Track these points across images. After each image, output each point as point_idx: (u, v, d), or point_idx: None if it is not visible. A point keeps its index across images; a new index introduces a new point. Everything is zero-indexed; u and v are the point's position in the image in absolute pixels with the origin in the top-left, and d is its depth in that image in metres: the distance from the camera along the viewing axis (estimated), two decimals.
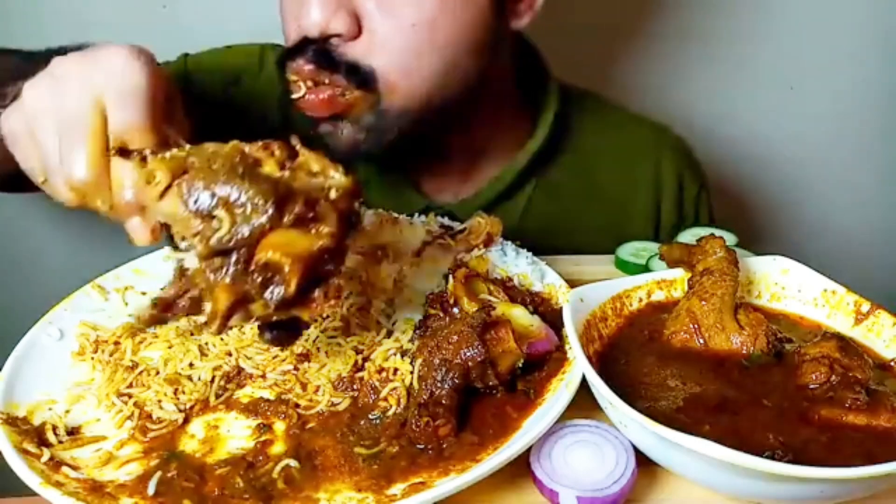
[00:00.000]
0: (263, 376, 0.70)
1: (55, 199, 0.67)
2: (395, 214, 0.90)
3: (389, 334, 0.74)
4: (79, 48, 0.71)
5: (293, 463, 0.60)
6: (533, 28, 1.01)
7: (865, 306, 0.73)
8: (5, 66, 0.84)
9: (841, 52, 1.54)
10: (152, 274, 0.85)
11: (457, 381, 0.64)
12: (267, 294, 0.53)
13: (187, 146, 0.59)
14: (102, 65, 0.63)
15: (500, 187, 1.09)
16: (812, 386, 0.64)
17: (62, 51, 0.78)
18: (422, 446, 0.62)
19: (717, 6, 1.48)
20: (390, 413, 0.66)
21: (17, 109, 0.65)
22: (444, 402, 0.63)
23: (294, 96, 0.90)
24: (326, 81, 0.88)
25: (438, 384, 0.64)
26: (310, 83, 0.88)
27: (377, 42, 0.87)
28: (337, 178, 0.57)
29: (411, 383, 0.67)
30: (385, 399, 0.67)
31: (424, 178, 1.10)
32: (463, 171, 1.11)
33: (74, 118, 0.62)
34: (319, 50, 0.87)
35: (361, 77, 0.88)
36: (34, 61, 0.78)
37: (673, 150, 1.20)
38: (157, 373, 0.70)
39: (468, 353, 0.64)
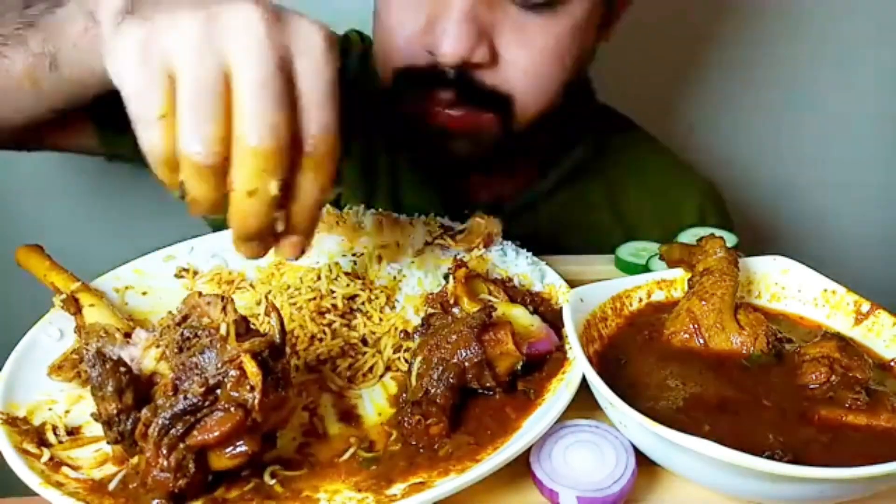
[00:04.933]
0: None
1: (151, 151, 0.54)
2: (395, 214, 0.90)
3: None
4: None
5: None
6: None
7: (865, 306, 0.73)
8: None
9: (840, 52, 1.54)
10: (152, 274, 0.85)
11: (452, 381, 0.64)
12: None
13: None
14: (294, 37, 0.52)
15: (538, 193, 1.11)
16: (812, 386, 0.64)
17: None
18: (414, 443, 0.62)
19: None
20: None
21: (143, 28, 0.52)
22: (437, 401, 0.63)
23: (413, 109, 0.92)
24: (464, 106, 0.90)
25: (434, 383, 0.64)
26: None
27: (516, 71, 0.88)
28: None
29: (409, 379, 0.67)
30: None
31: (470, 176, 1.12)
32: (507, 173, 1.13)
33: (266, 80, 0.51)
34: (460, 79, 0.87)
35: (499, 103, 0.89)
36: None
37: (699, 199, 1.20)
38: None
39: (465, 354, 0.64)
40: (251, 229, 0.55)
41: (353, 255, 0.83)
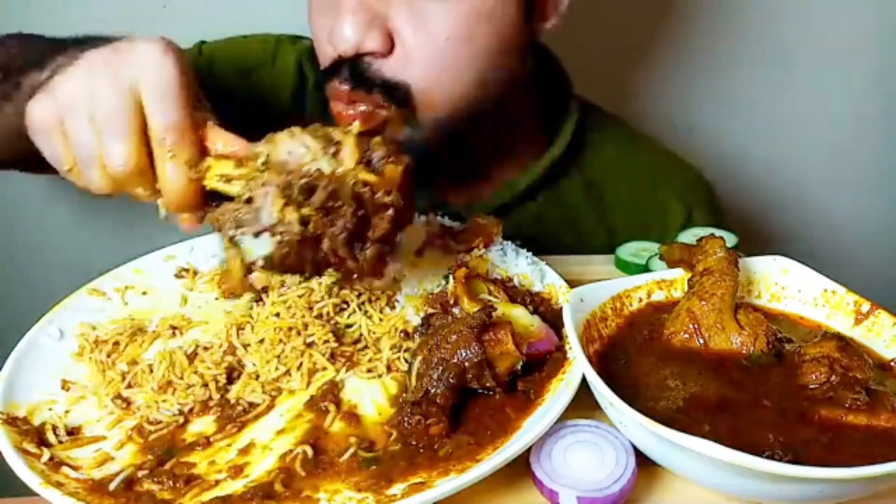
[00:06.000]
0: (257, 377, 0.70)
1: (79, 184, 0.70)
2: None
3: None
4: (107, 40, 0.72)
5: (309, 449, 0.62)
6: (558, 48, 1.00)
7: (865, 306, 0.73)
8: (28, 53, 0.85)
9: (839, 55, 1.54)
10: (152, 274, 0.85)
11: (452, 381, 0.64)
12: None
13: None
14: (136, 60, 0.66)
15: (513, 194, 1.09)
16: (812, 386, 0.63)
17: (88, 41, 0.80)
18: (414, 443, 0.62)
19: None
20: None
21: (47, 99, 0.67)
22: (437, 401, 0.63)
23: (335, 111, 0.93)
24: (363, 100, 0.89)
25: (434, 383, 0.64)
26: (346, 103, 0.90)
27: (411, 57, 0.87)
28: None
29: (409, 379, 0.67)
30: None
31: (437, 179, 1.10)
32: (477, 175, 1.11)
33: (113, 112, 0.65)
34: (353, 70, 0.87)
35: (396, 94, 0.88)
36: (57, 49, 0.80)
37: (685, 188, 1.17)
38: (152, 370, 0.70)
39: (465, 354, 0.64)
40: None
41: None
